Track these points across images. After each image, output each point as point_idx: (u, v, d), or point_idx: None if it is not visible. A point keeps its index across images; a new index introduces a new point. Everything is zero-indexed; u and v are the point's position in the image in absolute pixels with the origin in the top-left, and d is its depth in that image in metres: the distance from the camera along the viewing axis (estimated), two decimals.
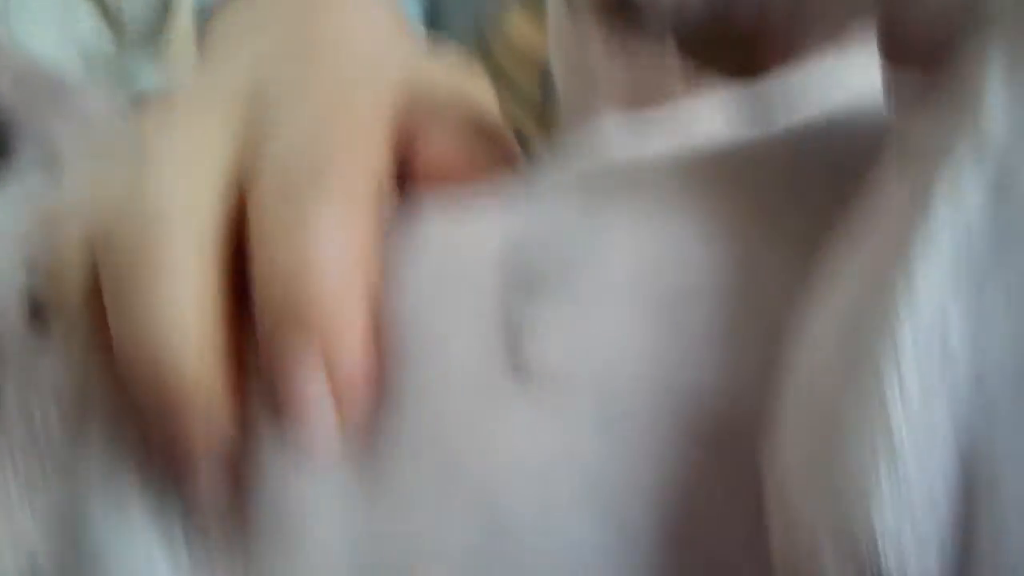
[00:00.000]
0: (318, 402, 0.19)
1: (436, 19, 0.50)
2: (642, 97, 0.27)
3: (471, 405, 0.18)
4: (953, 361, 0.12)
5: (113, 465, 0.21)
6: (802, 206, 0.18)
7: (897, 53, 0.17)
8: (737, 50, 0.19)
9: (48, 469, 0.22)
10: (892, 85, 0.17)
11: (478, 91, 0.26)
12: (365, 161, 0.22)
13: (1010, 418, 0.12)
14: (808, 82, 0.21)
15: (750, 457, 0.15)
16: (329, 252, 0.20)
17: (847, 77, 0.20)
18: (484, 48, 0.47)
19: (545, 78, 0.36)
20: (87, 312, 0.22)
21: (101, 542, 0.21)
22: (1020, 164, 0.13)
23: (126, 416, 0.22)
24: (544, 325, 0.18)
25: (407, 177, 0.23)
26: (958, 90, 0.14)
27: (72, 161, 0.42)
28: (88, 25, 0.62)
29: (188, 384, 0.20)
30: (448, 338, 0.19)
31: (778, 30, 0.18)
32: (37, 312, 0.26)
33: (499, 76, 0.43)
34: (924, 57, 0.16)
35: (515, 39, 0.40)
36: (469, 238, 0.21)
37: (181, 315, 0.20)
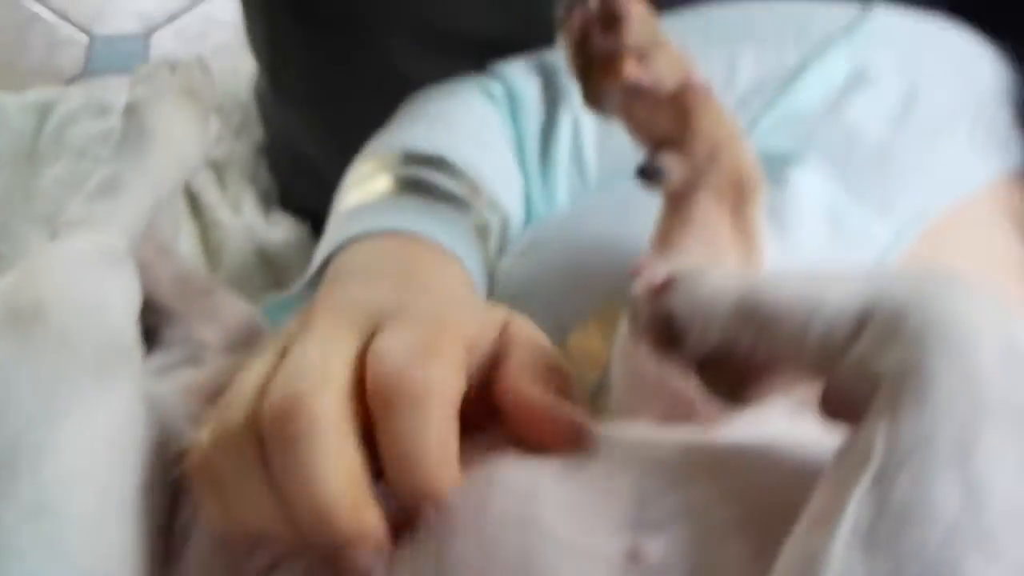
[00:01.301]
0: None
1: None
2: (673, 409, 0.37)
3: None
4: None
5: None
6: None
7: (828, 410, 0.27)
8: (733, 380, 0.30)
9: None
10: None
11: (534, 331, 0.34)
12: (455, 373, 0.30)
13: None
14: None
15: None
16: (434, 446, 0.28)
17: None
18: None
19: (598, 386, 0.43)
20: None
21: None
22: (894, 472, 0.24)
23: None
24: None
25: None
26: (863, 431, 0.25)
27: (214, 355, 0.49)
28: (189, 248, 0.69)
29: (343, 526, 0.28)
30: None
31: (759, 373, 0.29)
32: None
33: None
34: (846, 418, 0.26)
35: (576, 348, 0.47)
36: None
37: (335, 472, 0.28)
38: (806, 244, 0.50)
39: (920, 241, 0.51)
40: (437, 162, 0.52)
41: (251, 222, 0.72)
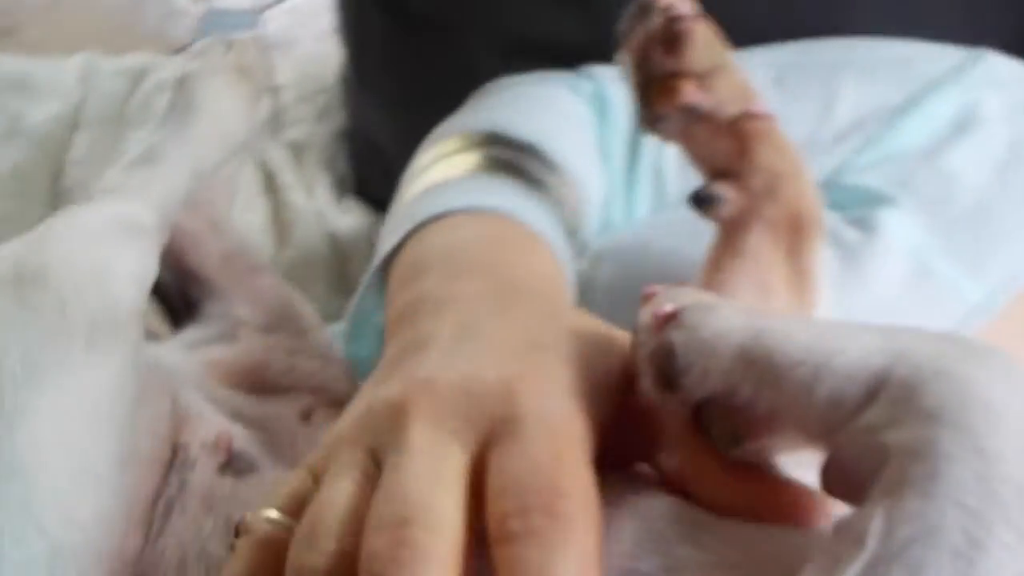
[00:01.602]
0: None
1: None
2: None
3: None
4: None
5: None
6: None
7: (830, 481, 0.25)
8: (733, 428, 0.28)
9: None
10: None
11: None
12: (589, 487, 0.26)
13: None
14: None
15: None
16: None
17: None
18: None
19: None
20: None
21: None
22: (887, 564, 0.21)
23: None
24: None
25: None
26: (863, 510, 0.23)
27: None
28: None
29: None
30: None
31: (759, 427, 0.26)
32: None
33: None
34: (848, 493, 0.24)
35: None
36: None
37: None
38: (885, 293, 0.47)
39: (1015, 302, 0.48)
40: (530, 149, 0.48)
41: (323, 207, 0.72)
